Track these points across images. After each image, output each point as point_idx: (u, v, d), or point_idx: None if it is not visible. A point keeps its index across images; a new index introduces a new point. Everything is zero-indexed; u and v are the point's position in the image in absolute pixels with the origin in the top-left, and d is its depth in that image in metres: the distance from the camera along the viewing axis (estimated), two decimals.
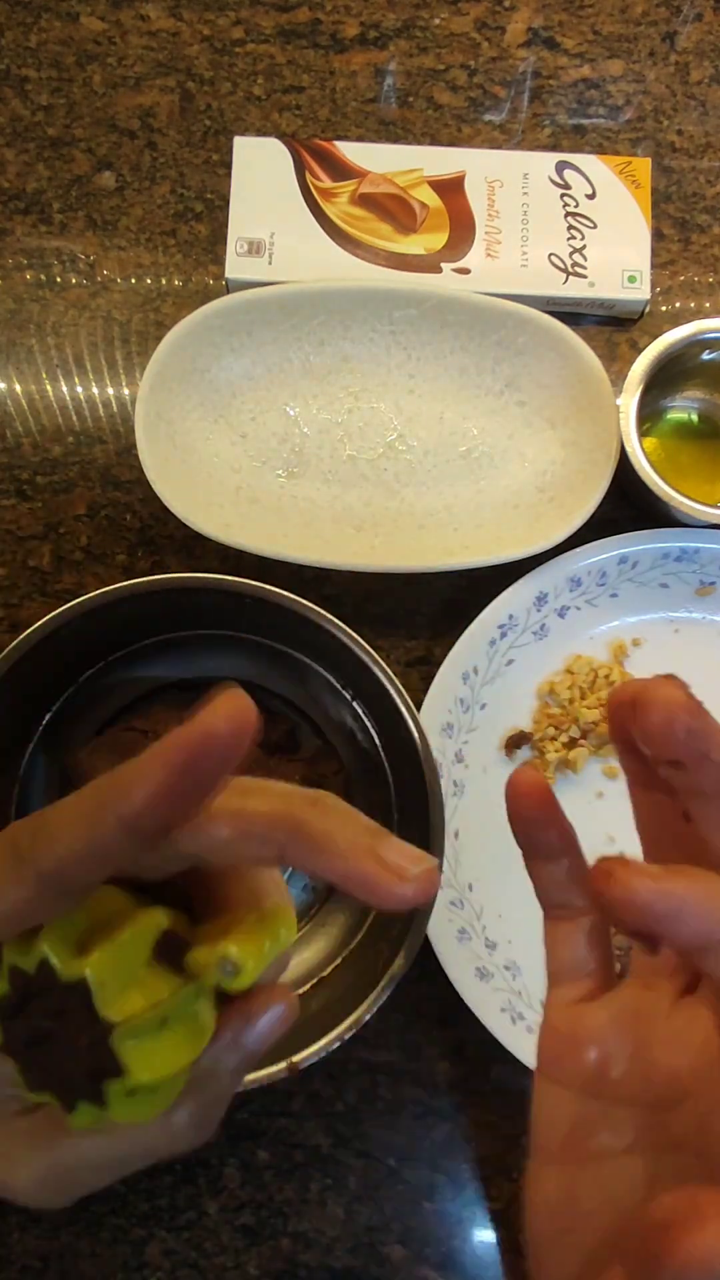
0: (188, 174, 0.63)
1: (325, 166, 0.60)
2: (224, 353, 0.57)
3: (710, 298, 0.62)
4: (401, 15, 0.64)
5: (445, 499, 0.59)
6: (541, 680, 0.58)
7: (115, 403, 0.61)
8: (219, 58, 0.63)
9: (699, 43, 0.64)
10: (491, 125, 0.63)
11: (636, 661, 0.58)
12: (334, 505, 0.58)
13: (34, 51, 0.63)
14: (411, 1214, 0.55)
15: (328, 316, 0.58)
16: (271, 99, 0.63)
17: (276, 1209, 0.55)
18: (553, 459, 0.58)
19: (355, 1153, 0.56)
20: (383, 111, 0.63)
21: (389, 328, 0.58)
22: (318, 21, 0.64)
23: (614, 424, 0.54)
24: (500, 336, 0.58)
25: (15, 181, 0.62)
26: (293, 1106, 0.56)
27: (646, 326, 0.61)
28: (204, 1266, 0.55)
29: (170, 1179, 0.56)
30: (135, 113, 0.63)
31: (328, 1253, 0.55)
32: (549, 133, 0.63)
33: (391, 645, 0.59)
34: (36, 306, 0.61)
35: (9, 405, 0.61)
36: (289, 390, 0.59)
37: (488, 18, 0.64)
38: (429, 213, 0.60)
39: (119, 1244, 0.55)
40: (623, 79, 0.63)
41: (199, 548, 0.60)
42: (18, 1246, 0.55)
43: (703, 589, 0.58)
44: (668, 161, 0.63)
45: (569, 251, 0.60)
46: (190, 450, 0.57)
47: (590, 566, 0.57)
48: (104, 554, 0.60)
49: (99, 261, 0.62)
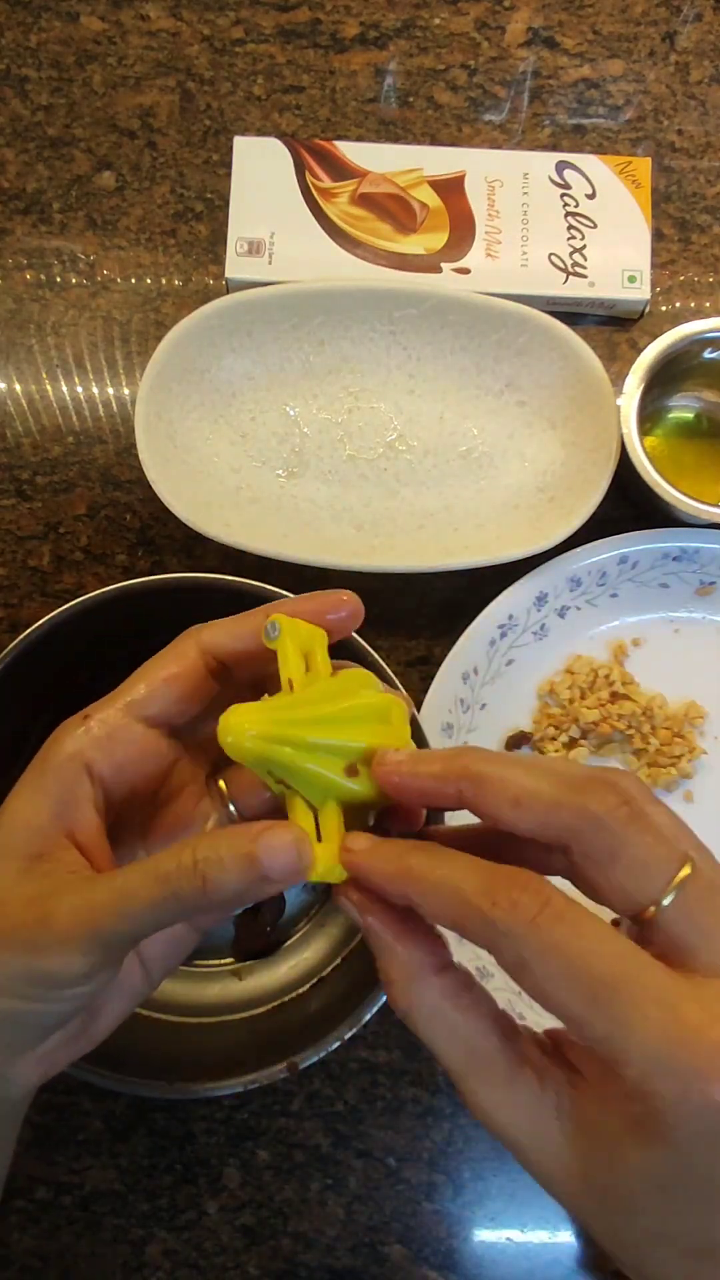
0: (188, 174, 0.63)
1: (325, 166, 0.60)
2: (224, 353, 0.57)
3: (710, 298, 0.62)
4: (401, 15, 0.64)
5: (445, 499, 0.59)
6: (541, 680, 0.58)
7: (115, 403, 0.61)
8: (219, 58, 0.63)
9: (699, 43, 0.64)
10: (491, 125, 0.63)
11: (636, 661, 0.58)
12: (334, 505, 0.58)
13: (34, 51, 0.63)
14: (411, 1214, 0.55)
15: (328, 316, 0.58)
16: (271, 99, 0.63)
17: (276, 1209, 0.55)
18: (553, 459, 0.58)
19: (355, 1153, 0.56)
20: (383, 111, 0.63)
21: (389, 328, 0.58)
22: (318, 21, 0.64)
23: (614, 424, 0.54)
24: (500, 336, 0.58)
25: (15, 181, 0.62)
26: (293, 1106, 0.56)
27: (646, 326, 0.61)
28: (204, 1266, 0.55)
29: (170, 1179, 0.56)
30: (135, 113, 0.63)
31: (328, 1253, 0.55)
32: (549, 133, 0.63)
33: (391, 645, 0.59)
34: (36, 306, 0.61)
35: (9, 405, 0.61)
36: (289, 390, 0.59)
37: (488, 18, 0.64)
38: (429, 213, 0.60)
39: (119, 1244, 0.55)
40: (623, 79, 0.63)
41: (199, 548, 0.60)
42: (18, 1246, 0.55)
43: (703, 589, 0.58)
44: (668, 161, 0.63)
45: (569, 251, 0.60)
46: (190, 450, 0.57)
47: (590, 566, 0.57)
48: (104, 554, 0.60)
49: (99, 261, 0.62)
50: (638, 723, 0.56)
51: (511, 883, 0.25)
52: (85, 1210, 0.55)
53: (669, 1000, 0.24)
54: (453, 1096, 0.56)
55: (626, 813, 0.26)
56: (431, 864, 0.27)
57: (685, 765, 0.57)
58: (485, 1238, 0.55)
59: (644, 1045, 0.24)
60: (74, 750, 0.32)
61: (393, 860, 0.28)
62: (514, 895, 0.25)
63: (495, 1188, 0.56)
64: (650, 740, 0.57)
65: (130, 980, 0.33)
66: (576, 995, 0.24)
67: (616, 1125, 0.25)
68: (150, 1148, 0.56)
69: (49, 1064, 0.32)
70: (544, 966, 0.25)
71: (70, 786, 0.32)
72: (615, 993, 0.24)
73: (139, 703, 0.33)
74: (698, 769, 0.57)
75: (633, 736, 0.57)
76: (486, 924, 0.25)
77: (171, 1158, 0.56)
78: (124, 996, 0.33)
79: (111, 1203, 0.56)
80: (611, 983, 0.24)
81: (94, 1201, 0.56)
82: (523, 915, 0.25)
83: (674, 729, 0.57)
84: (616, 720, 0.57)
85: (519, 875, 0.26)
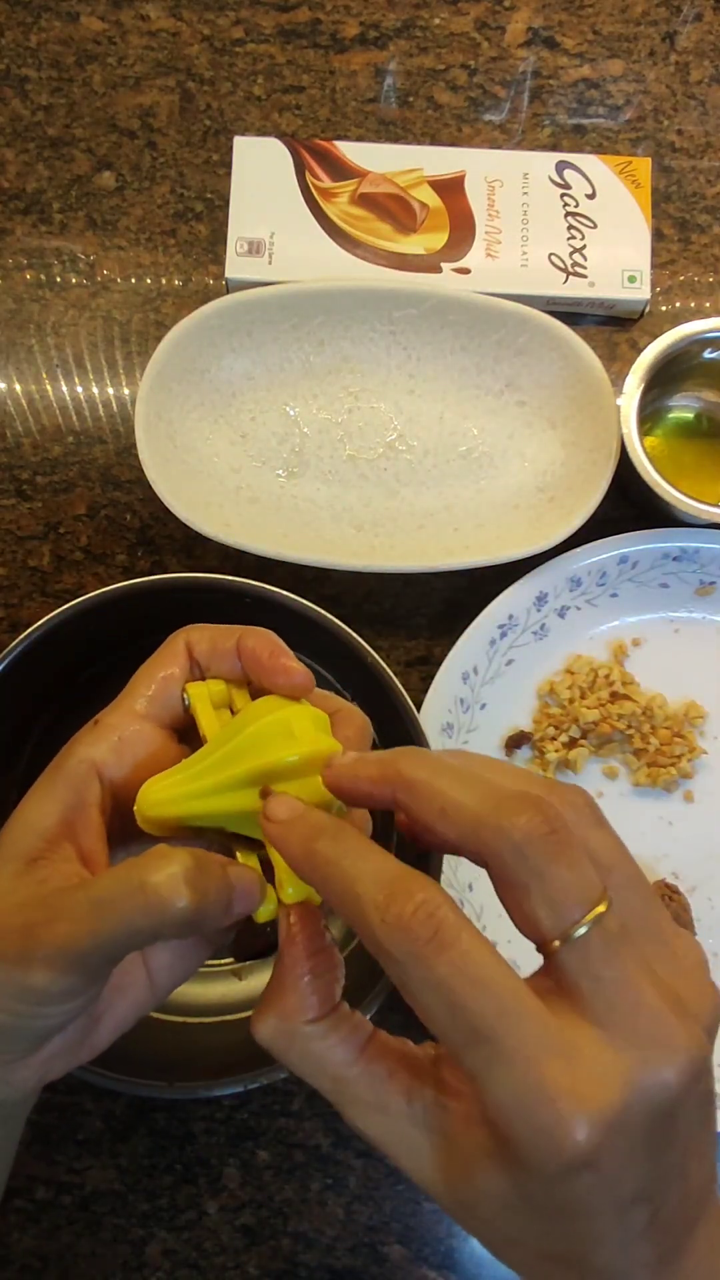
0: (188, 174, 0.63)
1: (325, 166, 0.60)
2: (224, 353, 0.57)
3: (710, 298, 0.62)
4: (401, 15, 0.64)
5: (445, 499, 0.59)
6: (541, 680, 0.58)
7: (115, 403, 0.61)
8: (219, 58, 0.63)
9: (699, 43, 0.64)
10: (491, 125, 0.63)
11: (636, 661, 0.58)
12: (334, 505, 0.58)
13: (34, 51, 0.63)
14: (411, 1214, 0.55)
15: (327, 316, 0.58)
16: (271, 99, 0.63)
17: (276, 1209, 0.55)
18: (553, 459, 0.58)
19: (355, 1153, 0.56)
20: (383, 111, 0.63)
21: (389, 328, 0.58)
22: (318, 21, 0.64)
23: (614, 424, 0.54)
24: (500, 336, 0.58)
25: (15, 181, 0.62)
26: (293, 1106, 0.56)
27: (646, 326, 0.61)
28: (204, 1266, 0.55)
29: (170, 1179, 0.56)
30: (135, 113, 0.63)
31: (328, 1253, 0.55)
32: (549, 132, 0.63)
33: (391, 645, 0.59)
34: (36, 306, 0.61)
35: (9, 405, 0.61)
36: (289, 390, 0.59)
37: (488, 17, 0.64)
38: (429, 213, 0.60)
39: (119, 1244, 0.55)
40: (623, 79, 0.63)
41: (199, 548, 0.60)
42: (18, 1246, 0.55)
43: (703, 589, 0.58)
44: (668, 161, 0.63)
45: (569, 251, 0.60)
46: (190, 450, 0.57)
47: (590, 566, 0.57)
48: (104, 554, 0.60)
49: (99, 261, 0.62)
50: (638, 723, 0.56)
51: (408, 897, 0.25)
52: (85, 1210, 0.55)
53: (534, 1058, 0.24)
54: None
55: (546, 841, 0.25)
56: (337, 853, 0.27)
57: (685, 765, 0.57)
58: None
59: (505, 1094, 0.24)
60: (85, 755, 0.33)
61: (301, 840, 0.28)
62: (405, 913, 0.25)
63: None
64: (650, 740, 0.57)
65: (135, 990, 0.33)
66: (452, 1032, 0.24)
67: (475, 1145, 0.26)
68: (150, 1148, 0.56)
69: (47, 1069, 0.32)
70: (424, 998, 0.25)
71: (79, 790, 0.32)
72: (486, 1041, 0.24)
73: (144, 703, 0.34)
74: (698, 769, 0.58)
75: (633, 736, 0.57)
76: (374, 941, 0.25)
77: (171, 1158, 0.56)
78: (127, 1006, 0.33)
79: (111, 1202, 0.56)
80: (484, 1032, 0.24)
81: (94, 1201, 0.56)
82: (408, 943, 0.25)
83: (674, 729, 0.57)
84: (616, 720, 0.57)
85: (416, 890, 0.25)
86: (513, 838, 0.25)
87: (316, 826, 0.28)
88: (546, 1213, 0.25)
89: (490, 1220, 0.26)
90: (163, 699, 0.34)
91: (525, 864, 0.25)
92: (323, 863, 0.27)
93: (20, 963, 0.28)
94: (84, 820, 0.32)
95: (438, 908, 0.25)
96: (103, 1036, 0.33)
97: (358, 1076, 0.28)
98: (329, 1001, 0.29)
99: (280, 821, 0.29)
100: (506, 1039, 0.24)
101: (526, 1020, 0.24)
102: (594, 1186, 0.24)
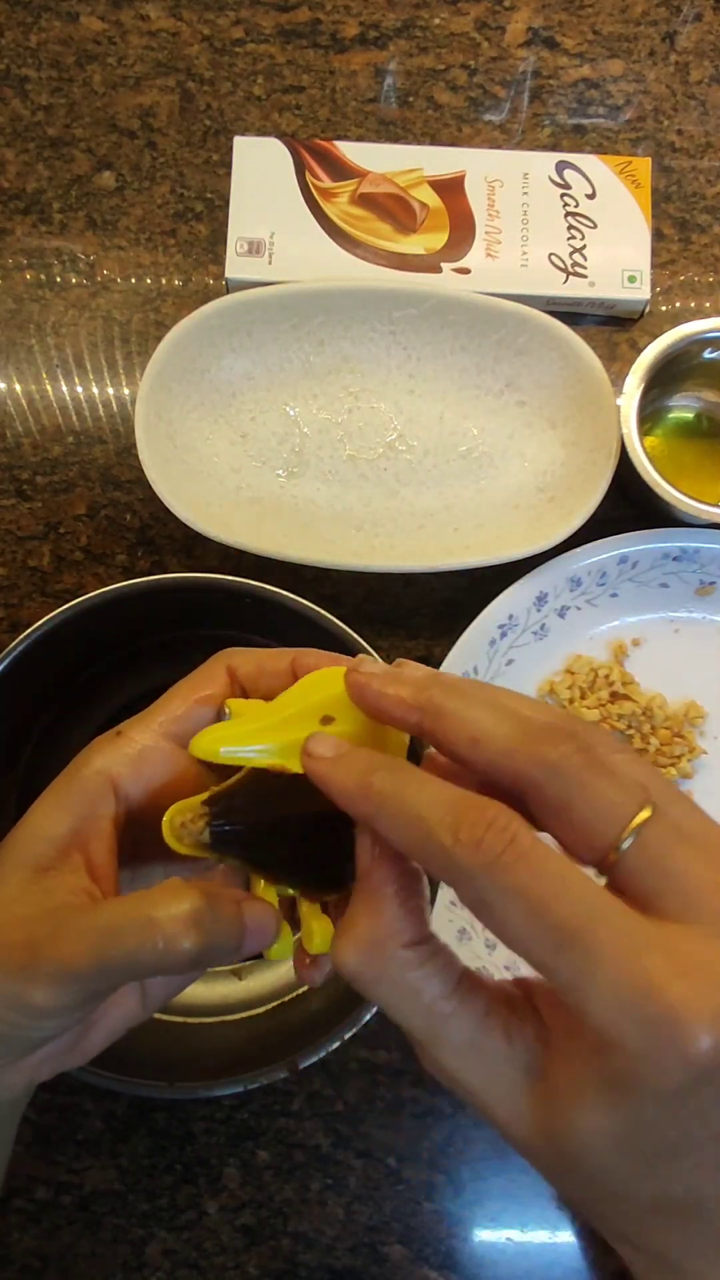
0: (188, 174, 0.63)
1: (325, 166, 0.60)
2: (224, 353, 0.57)
3: (710, 298, 0.62)
4: (401, 15, 0.64)
5: (445, 499, 0.59)
6: (541, 680, 0.58)
7: (115, 403, 0.61)
8: (219, 58, 0.63)
9: (699, 43, 0.64)
10: (491, 125, 0.63)
11: (636, 661, 0.58)
12: (334, 505, 0.58)
13: (34, 51, 0.63)
14: (411, 1214, 0.55)
15: (327, 316, 0.58)
16: (271, 99, 0.63)
17: (276, 1209, 0.55)
18: (553, 459, 0.58)
19: (355, 1153, 0.56)
20: (383, 111, 0.63)
21: (389, 328, 0.58)
22: (318, 21, 0.64)
23: (614, 424, 0.54)
24: (500, 336, 0.58)
25: (15, 181, 0.62)
26: (293, 1106, 0.56)
27: (646, 326, 0.61)
28: (204, 1266, 0.55)
29: (170, 1179, 0.56)
30: (135, 113, 0.63)
31: (328, 1253, 0.55)
32: (549, 132, 0.63)
33: (391, 645, 0.59)
34: (36, 306, 0.61)
35: (9, 405, 0.61)
36: (289, 390, 0.59)
37: (488, 18, 0.64)
38: (429, 212, 0.60)
39: (119, 1244, 0.55)
40: (623, 79, 0.63)
41: (199, 548, 0.60)
42: (18, 1246, 0.55)
43: (703, 589, 0.58)
44: (668, 161, 0.63)
45: (569, 251, 0.60)
46: (190, 450, 0.57)
47: (590, 566, 0.57)
48: (104, 554, 0.60)
49: (99, 261, 0.62)
50: (638, 723, 0.56)
51: (479, 816, 0.24)
52: (85, 1210, 0.55)
53: (633, 949, 0.23)
54: (453, 1097, 0.56)
55: (582, 760, 0.25)
56: (397, 785, 0.26)
57: (685, 765, 0.57)
58: (485, 1238, 0.55)
59: (607, 996, 0.22)
60: (102, 765, 0.32)
61: (355, 775, 0.27)
62: (478, 831, 0.24)
63: (495, 1188, 0.56)
64: (650, 740, 0.57)
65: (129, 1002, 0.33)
66: (538, 941, 0.23)
67: (581, 1080, 0.24)
68: (150, 1148, 0.56)
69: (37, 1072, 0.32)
70: (505, 910, 0.24)
71: (93, 801, 0.32)
72: (576, 940, 0.23)
73: (171, 722, 0.33)
74: (698, 769, 0.58)
75: (633, 736, 0.57)
76: (448, 861, 0.24)
77: (171, 1158, 0.56)
78: (120, 1016, 0.33)
79: (111, 1202, 0.56)
80: (573, 930, 0.23)
81: (94, 1201, 0.56)
82: (485, 855, 0.24)
83: (674, 729, 0.57)
84: (616, 720, 0.57)
85: (487, 808, 0.25)
86: (549, 760, 0.25)
87: (371, 761, 0.28)
88: (664, 1144, 0.23)
89: (595, 1171, 0.24)
90: (193, 719, 0.33)
91: (564, 783, 0.25)
92: (382, 796, 0.26)
93: (22, 977, 0.28)
94: (96, 832, 0.32)
95: (510, 820, 0.24)
96: (94, 1043, 0.33)
97: (453, 1012, 0.26)
98: (423, 927, 0.27)
99: (325, 758, 0.28)
100: (599, 933, 0.23)
101: (617, 916, 0.23)
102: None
